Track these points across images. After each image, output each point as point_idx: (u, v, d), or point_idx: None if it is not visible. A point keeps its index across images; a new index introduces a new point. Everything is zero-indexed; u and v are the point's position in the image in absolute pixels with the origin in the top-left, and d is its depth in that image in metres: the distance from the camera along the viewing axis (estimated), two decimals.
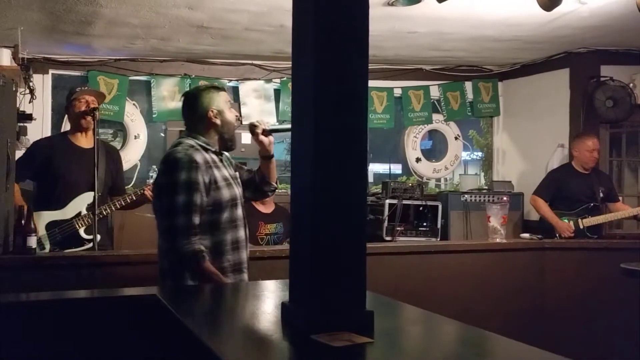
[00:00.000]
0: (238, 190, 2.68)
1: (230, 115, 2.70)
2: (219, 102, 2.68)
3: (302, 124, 1.75)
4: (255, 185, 2.91)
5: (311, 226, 1.63)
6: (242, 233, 2.66)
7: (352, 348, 1.43)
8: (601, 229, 5.00)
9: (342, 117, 1.68)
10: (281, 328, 1.65)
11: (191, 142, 2.60)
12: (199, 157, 2.53)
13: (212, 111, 2.64)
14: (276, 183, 2.98)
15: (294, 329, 1.60)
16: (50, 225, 3.55)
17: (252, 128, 2.80)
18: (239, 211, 2.65)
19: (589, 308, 4.21)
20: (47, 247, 3.53)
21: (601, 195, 4.98)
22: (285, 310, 1.70)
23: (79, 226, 3.57)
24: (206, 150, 2.61)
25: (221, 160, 2.69)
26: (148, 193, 3.67)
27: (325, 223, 1.63)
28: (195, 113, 2.65)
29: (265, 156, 2.88)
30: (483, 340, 1.55)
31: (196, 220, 2.48)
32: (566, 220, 4.85)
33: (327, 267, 1.61)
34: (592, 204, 4.93)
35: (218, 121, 2.66)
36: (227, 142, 2.72)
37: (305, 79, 1.71)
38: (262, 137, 2.81)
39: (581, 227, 4.83)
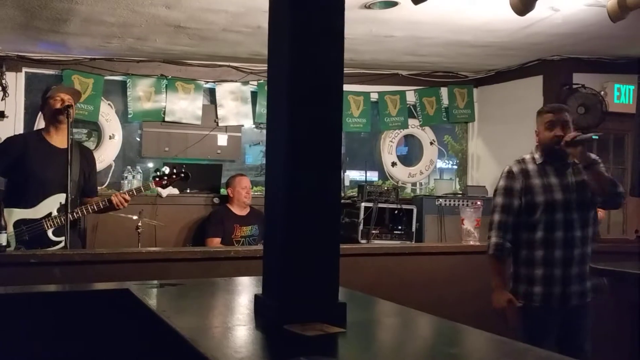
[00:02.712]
0: (563, 195, 3.07)
1: (547, 134, 3.13)
2: (540, 123, 3.20)
3: (276, 118, 1.75)
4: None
5: (285, 217, 1.63)
6: (562, 233, 3.08)
7: (324, 337, 1.43)
8: None
9: (316, 110, 1.69)
10: (254, 319, 1.64)
11: (527, 155, 3.24)
12: (516, 168, 3.17)
13: (536, 131, 3.22)
14: (607, 193, 3.12)
15: (267, 320, 1.60)
16: (19, 224, 3.48)
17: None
18: (558, 215, 3.04)
19: None
20: (13, 245, 3.44)
21: None
22: (259, 301, 1.70)
23: (47, 227, 3.50)
24: (534, 162, 3.17)
25: (544, 170, 3.14)
26: (115, 200, 3.62)
27: (299, 214, 1.63)
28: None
29: (584, 166, 3.11)
30: (454, 331, 1.57)
31: (509, 219, 3.09)
32: None
33: (301, 258, 1.61)
34: None
35: (537, 139, 3.22)
36: (548, 154, 3.16)
37: (281, 72, 1.71)
38: (569, 149, 3.07)
39: None
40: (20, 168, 3.57)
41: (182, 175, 3.85)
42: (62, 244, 3.49)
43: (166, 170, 3.94)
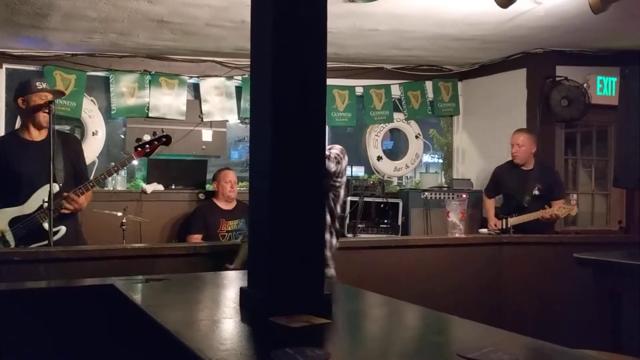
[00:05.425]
0: None
1: None
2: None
3: (259, 113, 1.74)
4: None
5: (270, 211, 1.63)
6: None
7: (310, 329, 1.43)
8: (531, 226, 4.84)
9: (300, 104, 1.69)
10: (240, 312, 1.64)
11: None
12: None
13: None
14: None
15: (253, 312, 1.59)
16: (13, 222, 3.49)
17: None
18: None
19: (544, 299, 4.31)
20: (12, 243, 3.47)
21: (536, 192, 4.93)
22: (245, 294, 1.70)
23: (41, 220, 3.50)
24: None
25: None
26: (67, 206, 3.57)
27: (283, 208, 1.63)
28: None
29: None
30: (439, 320, 1.57)
31: None
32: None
33: (286, 251, 1.61)
34: (520, 203, 4.89)
35: None
36: None
37: (263, 66, 1.70)
38: None
39: (507, 225, 4.82)
40: (5, 170, 3.58)
41: (164, 139, 3.82)
42: (60, 233, 3.50)
43: (146, 137, 3.91)
